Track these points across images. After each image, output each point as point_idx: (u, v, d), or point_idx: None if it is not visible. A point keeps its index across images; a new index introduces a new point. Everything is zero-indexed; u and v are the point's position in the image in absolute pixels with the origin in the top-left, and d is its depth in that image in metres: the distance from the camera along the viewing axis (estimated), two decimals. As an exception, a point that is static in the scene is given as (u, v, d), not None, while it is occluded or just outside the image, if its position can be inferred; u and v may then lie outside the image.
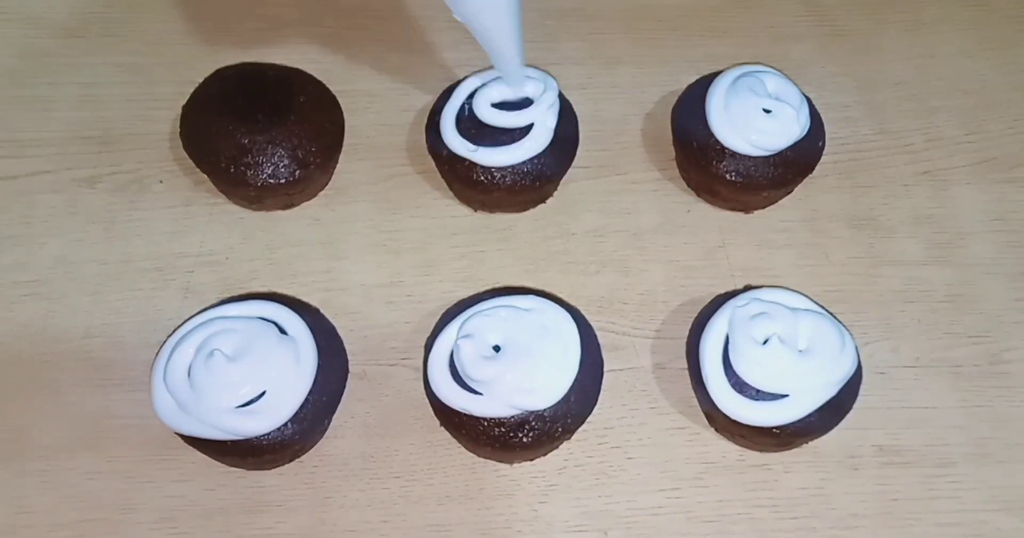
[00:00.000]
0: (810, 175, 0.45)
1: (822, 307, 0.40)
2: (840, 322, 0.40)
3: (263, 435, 0.37)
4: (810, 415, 0.38)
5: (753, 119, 0.43)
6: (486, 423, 0.38)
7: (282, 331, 0.39)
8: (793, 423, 0.38)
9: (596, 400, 0.40)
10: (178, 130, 0.44)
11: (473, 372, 0.37)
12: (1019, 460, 0.41)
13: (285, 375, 0.37)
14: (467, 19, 0.38)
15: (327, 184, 0.47)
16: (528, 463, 0.41)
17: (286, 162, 0.43)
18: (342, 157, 0.47)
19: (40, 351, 0.42)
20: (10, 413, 0.41)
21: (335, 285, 0.44)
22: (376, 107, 0.49)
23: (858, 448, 0.41)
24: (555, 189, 0.47)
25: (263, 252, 0.45)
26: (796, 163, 0.44)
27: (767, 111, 0.43)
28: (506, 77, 0.42)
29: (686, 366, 0.41)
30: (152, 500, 0.39)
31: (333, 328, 0.41)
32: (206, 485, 0.39)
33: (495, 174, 0.43)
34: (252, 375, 0.37)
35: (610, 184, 0.48)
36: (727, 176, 0.44)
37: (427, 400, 0.39)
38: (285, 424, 0.37)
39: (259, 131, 0.42)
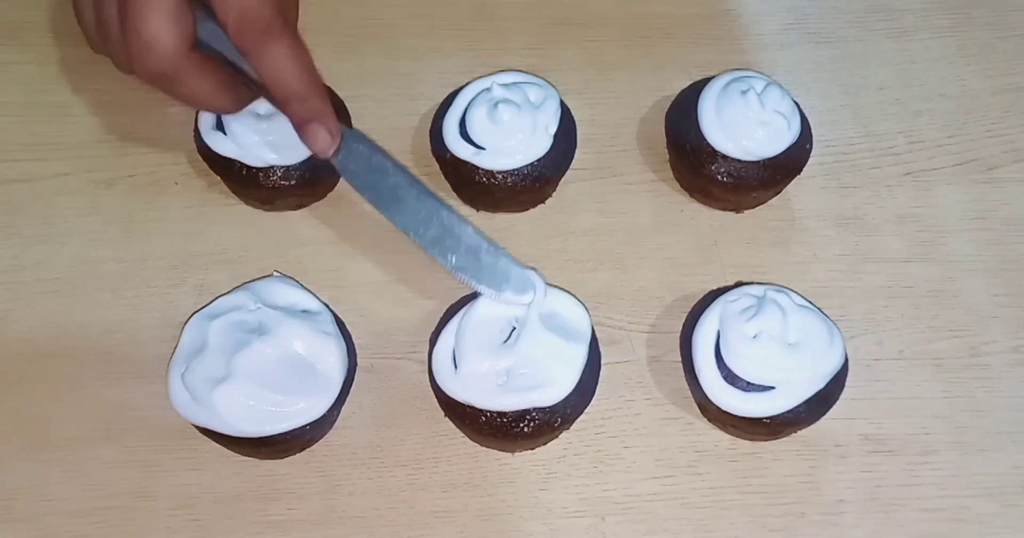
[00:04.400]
0: (798, 176, 0.46)
1: (810, 302, 0.41)
2: (828, 317, 0.41)
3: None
4: (799, 406, 0.39)
5: (746, 127, 0.44)
6: (488, 414, 0.38)
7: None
8: (782, 414, 0.39)
9: (594, 392, 0.40)
10: (193, 134, 0.45)
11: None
12: (998, 448, 0.42)
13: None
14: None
15: (336, 185, 0.48)
16: (529, 452, 0.41)
17: (296, 164, 0.44)
18: (350, 160, 0.48)
19: (61, 346, 0.43)
20: (33, 405, 0.42)
21: (344, 282, 0.45)
22: (382, 112, 0.49)
23: (845, 437, 0.42)
24: (554, 190, 0.48)
25: (274, 251, 0.46)
26: (785, 165, 0.45)
27: (761, 121, 0.44)
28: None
29: (680, 359, 0.42)
30: (169, 488, 0.40)
31: (342, 323, 0.42)
32: (220, 473, 0.40)
33: (497, 176, 0.44)
34: None
35: (607, 185, 0.48)
36: (718, 177, 0.45)
37: (432, 392, 0.40)
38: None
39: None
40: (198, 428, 0.39)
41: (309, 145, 0.35)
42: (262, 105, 0.43)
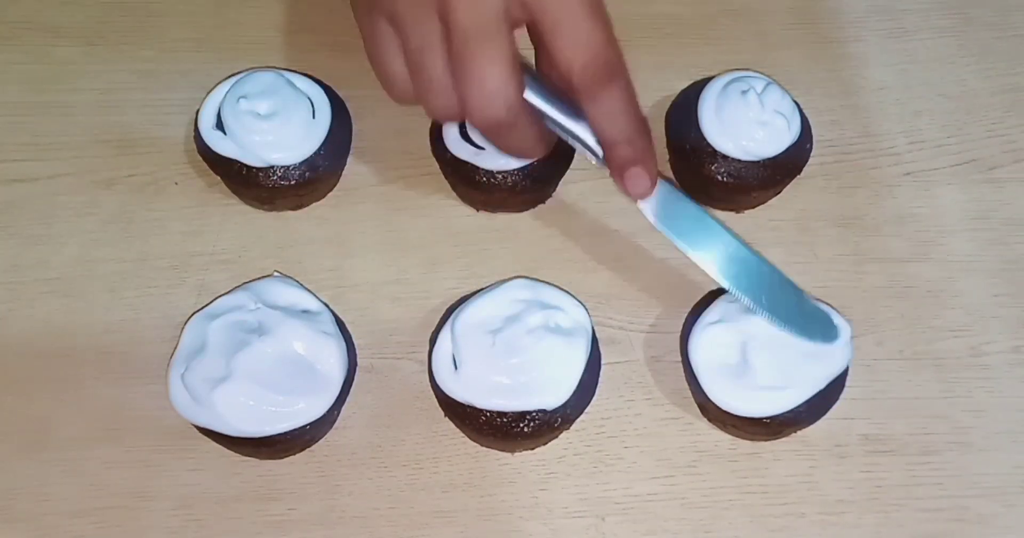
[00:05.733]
0: (798, 176, 0.46)
1: (810, 302, 0.41)
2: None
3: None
4: (799, 406, 0.39)
5: (745, 127, 0.44)
6: (488, 414, 0.39)
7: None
8: (782, 414, 0.39)
9: (594, 392, 0.40)
10: (192, 134, 0.45)
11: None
12: (999, 448, 0.42)
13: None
14: None
15: (335, 185, 0.48)
16: (529, 452, 0.41)
17: (296, 164, 0.44)
18: (350, 160, 0.48)
19: (61, 346, 0.43)
20: (33, 405, 0.42)
21: (343, 282, 0.45)
22: (383, 112, 0.49)
23: (845, 437, 0.42)
24: (554, 190, 0.48)
25: (274, 251, 0.46)
26: (785, 165, 0.45)
27: (761, 121, 0.44)
28: None
29: (680, 359, 0.42)
30: (169, 488, 0.40)
31: (342, 323, 0.42)
32: (221, 474, 0.40)
33: (497, 176, 0.44)
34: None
35: (607, 185, 0.47)
36: (718, 177, 0.45)
37: (432, 392, 0.40)
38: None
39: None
40: (198, 428, 0.39)
41: (627, 189, 0.34)
42: (262, 104, 0.43)
